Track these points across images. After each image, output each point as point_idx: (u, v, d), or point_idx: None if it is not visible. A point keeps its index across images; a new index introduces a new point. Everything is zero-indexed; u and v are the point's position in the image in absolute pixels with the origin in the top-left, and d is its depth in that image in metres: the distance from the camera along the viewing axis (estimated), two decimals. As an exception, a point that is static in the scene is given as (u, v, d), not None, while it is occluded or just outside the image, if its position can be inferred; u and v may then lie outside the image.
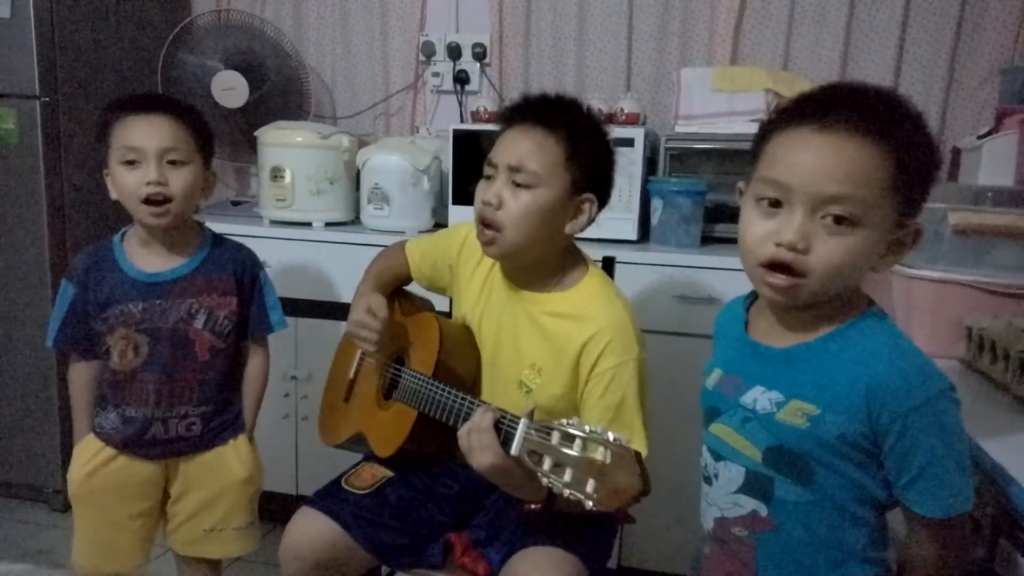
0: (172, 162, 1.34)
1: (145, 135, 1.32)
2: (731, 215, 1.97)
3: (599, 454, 0.92)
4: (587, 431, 0.95)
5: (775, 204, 0.85)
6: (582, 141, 1.21)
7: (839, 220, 0.81)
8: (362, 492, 1.31)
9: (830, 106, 0.84)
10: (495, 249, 1.24)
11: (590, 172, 1.23)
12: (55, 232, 2.17)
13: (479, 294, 1.38)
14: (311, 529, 1.26)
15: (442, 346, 1.31)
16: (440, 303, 1.58)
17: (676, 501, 1.84)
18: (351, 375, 1.51)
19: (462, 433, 1.11)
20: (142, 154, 1.32)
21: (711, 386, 1.01)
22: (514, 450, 1.02)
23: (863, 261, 0.84)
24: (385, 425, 1.36)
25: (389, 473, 1.35)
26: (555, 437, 0.97)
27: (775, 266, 0.85)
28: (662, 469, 1.83)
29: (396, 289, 1.53)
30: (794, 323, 0.92)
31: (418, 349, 1.37)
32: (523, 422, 1.03)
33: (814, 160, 0.82)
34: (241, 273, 1.46)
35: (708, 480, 1.00)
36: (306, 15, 2.53)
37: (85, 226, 2.24)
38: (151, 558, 1.51)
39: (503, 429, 1.07)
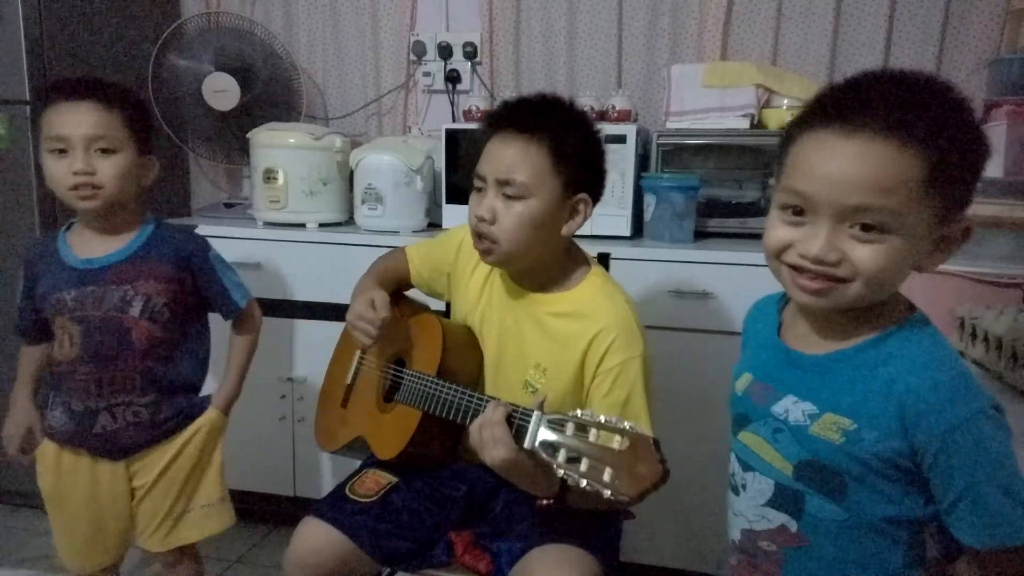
0: (101, 150, 1.30)
1: (71, 123, 1.29)
2: (724, 210, 1.98)
3: (615, 443, 0.91)
4: (602, 420, 0.94)
5: (799, 212, 0.80)
6: (567, 142, 1.19)
7: (867, 228, 0.76)
8: (367, 500, 1.30)
9: (854, 105, 0.77)
10: (493, 259, 1.25)
11: (580, 172, 1.21)
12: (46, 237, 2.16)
13: (478, 296, 1.37)
14: (317, 540, 1.25)
15: (445, 345, 1.31)
16: (436, 307, 1.58)
17: (671, 496, 1.85)
18: (348, 380, 1.49)
19: (474, 428, 1.10)
20: (69, 143, 1.29)
21: (740, 391, 0.96)
22: (528, 443, 1.02)
23: (905, 264, 0.79)
24: (387, 427, 1.36)
25: (393, 479, 1.34)
26: (569, 428, 0.97)
27: (807, 272, 0.81)
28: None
29: (395, 292, 1.52)
30: (830, 329, 0.87)
31: (420, 349, 1.36)
32: (536, 414, 1.03)
33: (836, 169, 0.76)
34: (187, 259, 1.43)
35: (736, 490, 0.95)
36: (296, 16, 2.53)
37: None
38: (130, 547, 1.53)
39: (515, 422, 1.07)
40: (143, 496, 1.46)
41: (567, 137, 1.19)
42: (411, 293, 1.55)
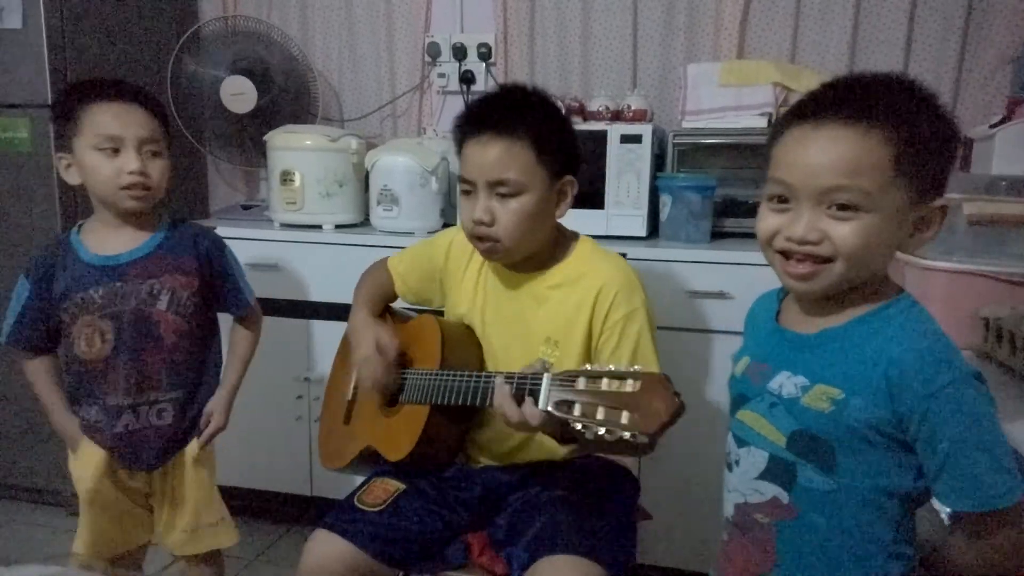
0: (152, 153, 1.35)
1: (124, 124, 1.32)
2: (741, 210, 1.96)
3: (628, 386, 0.92)
4: (611, 368, 0.96)
5: (783, 200, 0.88)
6: (545, 132, 1.23)
7: (843, 207, 0.83)
8: (376, 509, 1.29)
9: (825, 101, 0.86)
10: (498, 256, 1.29)
11: (561, 157, 1.26)
12: (68, 239, 2.18)
13: (474, 292, 1.39)
14: (329, 552, 1.24)
15: (444, 339, 1.32)
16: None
17: (690, 496, 1.84)
18: (349, 396, 1.50)
19: (500, 418, 1.11)
20: (121, 142, 1.32)
21: (739, 374, 1.01)
22: (542, 404, 1.03)
23: (883, 242, 0.85)
24: (395, 428, 1.35)
25: (401, 485, 1.34)
26: (580, 383, 0.98)
27: (794, 256, 0.88)
28: (676, 465, 1.83)
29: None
30: (822, 310, 0.92)
31: (420, 349, 1.37)
32: (546, 377, 1.04)
33: (810, 156, 0.85)
34: (206, 253, 1.46)
35: (730, 467, 1.00)
36: (312, 19, 2.54)
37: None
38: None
39: (527, 388, 1.07)
40: (160, 510, 1.48)
41: (544, 128, 1.23)
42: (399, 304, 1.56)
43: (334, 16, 2.52)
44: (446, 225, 2.13)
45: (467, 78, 2.41)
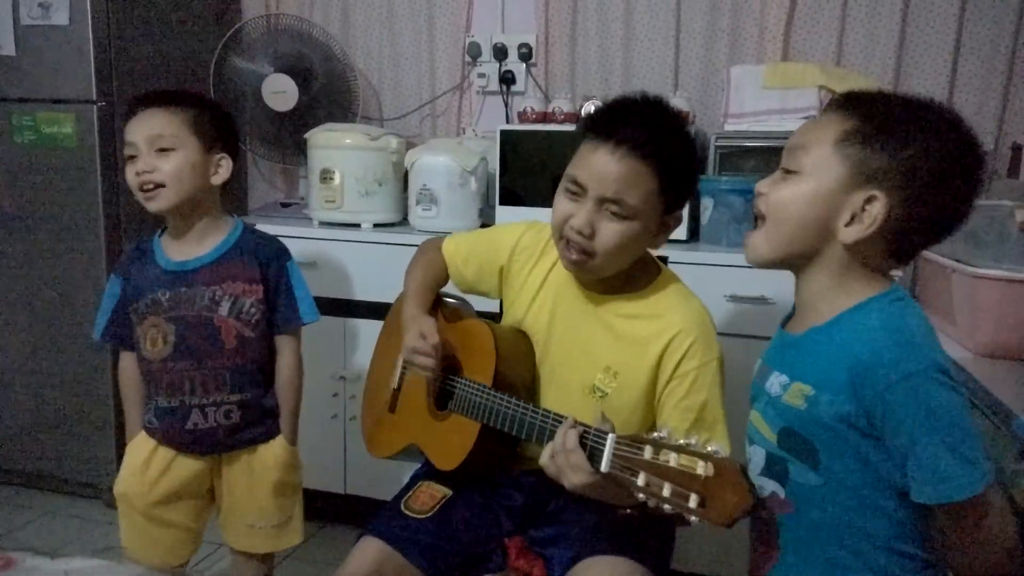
0: (161, 149, 1.35)
1: (136, 128, 1.36)
2: (783, 214, 1.93)
3: (699, 468, 0.87)
4: (681, 443, 0.90)
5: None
6: (679, 168, 1.17)
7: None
8: (423, 516, 1.28)
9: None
10: (585, 269, 1.22)
11: (681, 195, 1.20)
12: (111, 234, 2.22)
13: (535, 297, 1.34)
14: (375, 559, 1.22)
15: (499, 355, 1.27)
16: (477, 304, 1.56)
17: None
18: (394, 384, 1.46)
19: (545, 457, 1.06)
20: (136, 148, 1.36)
21: (754, 375, 1.06)
22: (604, 467, 0.98)
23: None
24: (445, 438, 1.33)
25: (448, 491, 1.32)
26: (647, 451, 0.93)
27: None
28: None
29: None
30: (812, 311, 0.96)
31: (472, 358, 1.33)
32: (610, 437, 0.99)
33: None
34: (267, 263, 1.46)
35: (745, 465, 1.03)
36: (354, 18, 2.55)
37: (140, 229, 2.27)
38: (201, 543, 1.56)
39: (588, 444, 1.02)
40: (221, 496, 1.50)
41: (680, 163, 1.17)
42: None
43: (375, 15, 2.53)
44: (483, 225, 2.13)
45: (507, 78, 2.40)
